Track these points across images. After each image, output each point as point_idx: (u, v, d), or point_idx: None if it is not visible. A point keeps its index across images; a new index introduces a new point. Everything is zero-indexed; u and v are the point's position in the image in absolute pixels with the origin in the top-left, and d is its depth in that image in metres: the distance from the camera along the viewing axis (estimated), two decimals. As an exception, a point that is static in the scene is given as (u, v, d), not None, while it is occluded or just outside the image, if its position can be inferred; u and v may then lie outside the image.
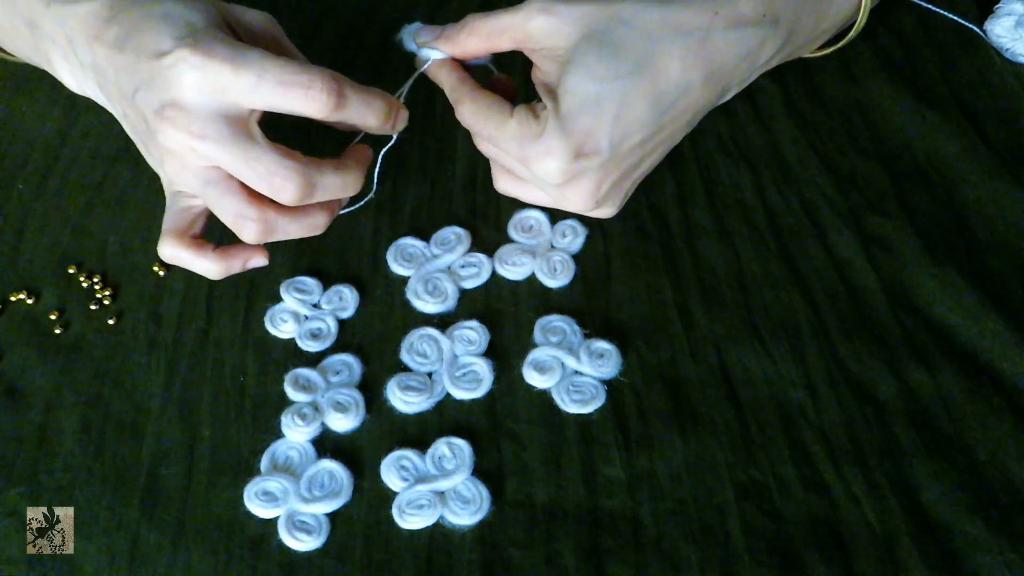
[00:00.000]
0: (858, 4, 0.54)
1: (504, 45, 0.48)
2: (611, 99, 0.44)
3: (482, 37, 0.48)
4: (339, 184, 0.45)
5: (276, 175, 0.43)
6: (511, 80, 0.51)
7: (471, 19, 0.48)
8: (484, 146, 0.49)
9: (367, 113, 0.45)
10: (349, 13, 0.66)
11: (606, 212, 0.49)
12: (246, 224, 0.44)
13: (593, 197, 0.47)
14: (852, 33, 0.56)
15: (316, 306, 0.50)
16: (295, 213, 0.45)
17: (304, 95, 0.42)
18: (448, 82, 0.49)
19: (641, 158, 0.48)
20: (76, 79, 0.50)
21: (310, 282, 0.51)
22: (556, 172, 0.45)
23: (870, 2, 0.54)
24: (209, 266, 0.46)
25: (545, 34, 0.46)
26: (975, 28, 0.63)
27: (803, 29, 0.52)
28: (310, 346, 0.49)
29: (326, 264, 0.52)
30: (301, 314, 0.50)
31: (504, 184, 0.50)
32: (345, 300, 0.51)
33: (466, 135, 0.58)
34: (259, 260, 0.48)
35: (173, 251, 0.46)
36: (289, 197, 0.43)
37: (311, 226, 0.46)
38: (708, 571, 0.41)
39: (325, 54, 0.63)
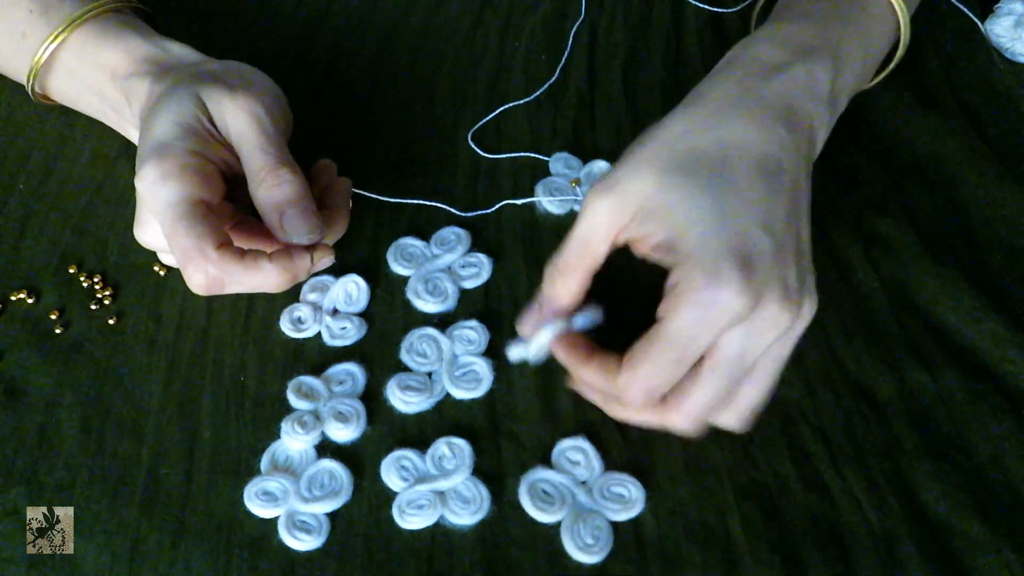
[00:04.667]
0: (895, 21, 0.52)
1: (596, 254, 0.42)
2: (728, 196, 0.41)
3: (573, 268, 0.43)
4: (253, 283, 0.45)
5: (186, 268, 0.44)
6: None
7: (553, 263, 0.43)
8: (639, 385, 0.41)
9: (257, 288, 0.46)
10: (349, 12, 0.66)
11: (808, 306, 0.41)
12: (191, 268, 0.44)
13: (788, 292, 0.40)
14: (900, 49, 0.54)
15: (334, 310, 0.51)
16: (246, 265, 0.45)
17: (180, 265, 0.45)
18: (572, 361, 0.44)
19: (797, 230, 0.42)
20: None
21: (329, 279, 0.51)
22: (737, 294, 0.38)
23: (907, 15, 0.52)
24: (271, 278, 0.45)
25: (625, 217, 0.41)
26: (975, 18, 0.63)
27: (852, 53, 0.48)
28: (337, 342, 0.49)
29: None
30: (322, 312, 0.50)
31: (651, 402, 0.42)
32: (357, 295, 0.51)
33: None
34: (328, 258, 0.48)
35: (222, 267, 0.44)
36: (196, 288, 0.45)
37: (262, 284, 0.46)
38: (709, 571, 0.41)
39: (325, 53, 0.63)
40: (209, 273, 0.44)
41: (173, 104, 0.47)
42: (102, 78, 0.52)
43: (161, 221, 0.45)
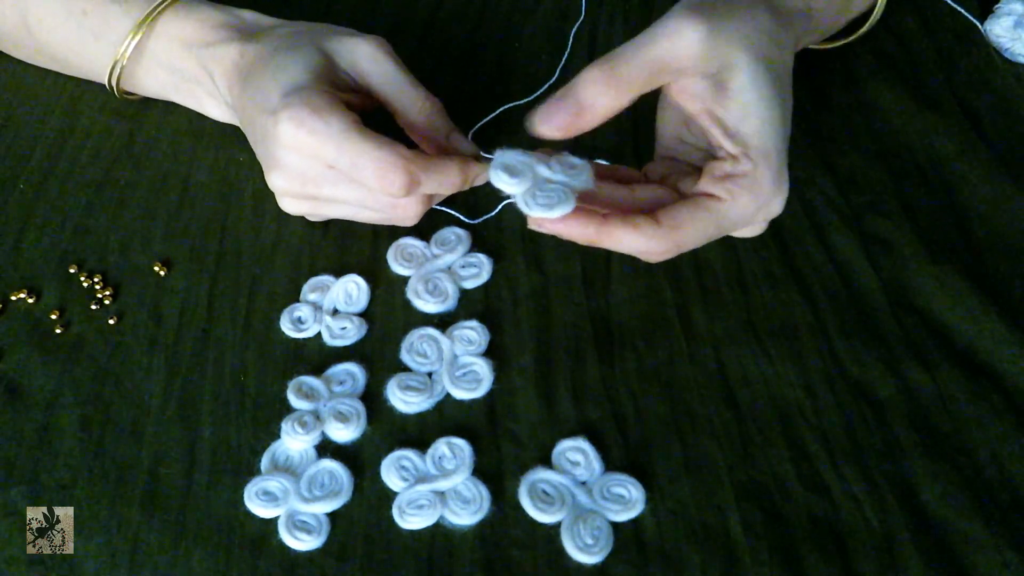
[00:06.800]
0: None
1: (660, 82, 0.43)
2: (786, 118, 0.45)
3: (632, 84, 0.42)
4: (440, 179, 0.47)
5: (386, 175, 0.45)
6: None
7: (609, 66, 0.42)
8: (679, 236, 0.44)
9: (441, 185, 0.47)
10: (349, 12, 0.66)
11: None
12: (393, 173, 0.45)
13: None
14: (872, 18, 0.58)
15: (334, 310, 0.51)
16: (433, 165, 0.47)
17: (376, 177, 0.45)
18: (591, 233, 0.43)
19: None
20: (222, 113, 0.55)
21: (329, 279, 0.51)
22: (784, 200, 0.45)
23: None
24: (453, 175, 0.47)
25: (712, 57, 0.42)
26: (974, 19, 0.63)
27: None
28: (337, 342, 0.49)
29: (326, 264, 0.52)
30: (322, 312, 0.50)
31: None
32: (357, 295, 0.51)
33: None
34: (485, 174, 0.48)
35: (418, 163, 0.45)
36: (398, 191, 0.46)
37: (446, 182, 0.47)
38: (710, 571, 0.41)
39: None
40: (410, 170, 0.45)
41: (298, 55, 0.48)
42: (173, 49, 0.53)
43: (340, 147, 0.45)
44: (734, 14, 0.44)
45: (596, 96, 0.42)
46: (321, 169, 0.47)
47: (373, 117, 0.49)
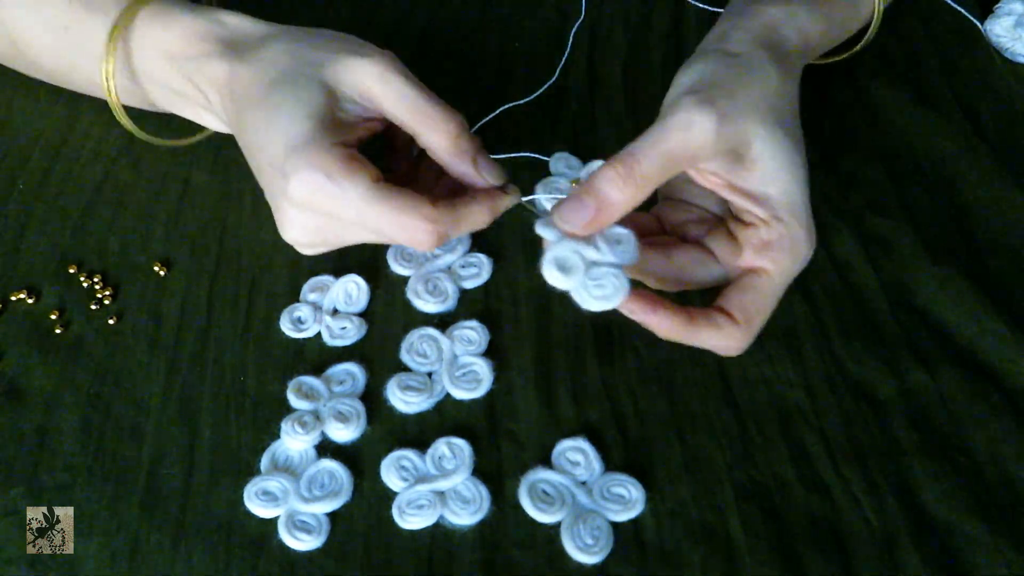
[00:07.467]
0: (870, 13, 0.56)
1: (677, 171, 0.43)
2: (805, 165, 0.45)
3: (650, 180, 0.42)
4: (467, 225, 0.45)
5: (415, 236, 0.43)
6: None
7: (626, 165, 0.41)
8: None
9: (472, 228, 0.45)
10: (351, 12, 0.66)
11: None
12: (419, 235, 0.43)
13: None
14: (870, 33, 0.57)
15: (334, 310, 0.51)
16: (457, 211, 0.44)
17: (404, 236, 0.43)
18: (679, 330, 0.43)
19: None
20: (220, 126, 0.52)
21: (329, 279, 0.51)
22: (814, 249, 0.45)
23: (882, 8, 0.55)
24: (481, 217, 0.45)
25: (726, 139, 0.42)
26: (975, 19, 0.63)
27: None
28: (337, 342, 0.49)
29: (326, 264, 0.52)
30: (322, 312, 0.50)
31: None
32: (357, 295, 0.51)
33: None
34: (516, 196, 0.47)
35: (443, 220, 0.43)
36: (424, 247, 0.44)
37: (473, 224, 0.45)
38: (709, 571, 0.41)
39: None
40: (438, 231, 0.43)
41: (297, 93, 0.44)
42: (157, 63, 0.50)
43: (360, 212, 0.43)
44: (742, 85, 0.43)
45: (615, 193, 0.42)
46: (338, 222, 0.45)
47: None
